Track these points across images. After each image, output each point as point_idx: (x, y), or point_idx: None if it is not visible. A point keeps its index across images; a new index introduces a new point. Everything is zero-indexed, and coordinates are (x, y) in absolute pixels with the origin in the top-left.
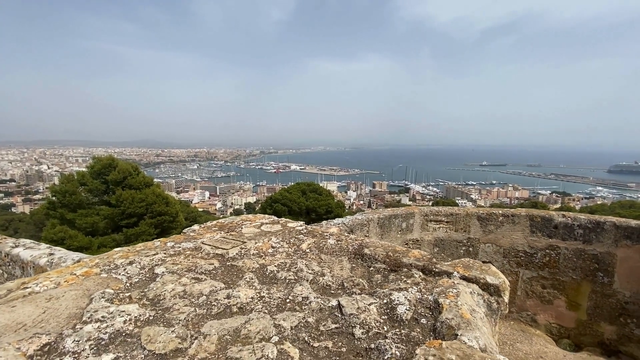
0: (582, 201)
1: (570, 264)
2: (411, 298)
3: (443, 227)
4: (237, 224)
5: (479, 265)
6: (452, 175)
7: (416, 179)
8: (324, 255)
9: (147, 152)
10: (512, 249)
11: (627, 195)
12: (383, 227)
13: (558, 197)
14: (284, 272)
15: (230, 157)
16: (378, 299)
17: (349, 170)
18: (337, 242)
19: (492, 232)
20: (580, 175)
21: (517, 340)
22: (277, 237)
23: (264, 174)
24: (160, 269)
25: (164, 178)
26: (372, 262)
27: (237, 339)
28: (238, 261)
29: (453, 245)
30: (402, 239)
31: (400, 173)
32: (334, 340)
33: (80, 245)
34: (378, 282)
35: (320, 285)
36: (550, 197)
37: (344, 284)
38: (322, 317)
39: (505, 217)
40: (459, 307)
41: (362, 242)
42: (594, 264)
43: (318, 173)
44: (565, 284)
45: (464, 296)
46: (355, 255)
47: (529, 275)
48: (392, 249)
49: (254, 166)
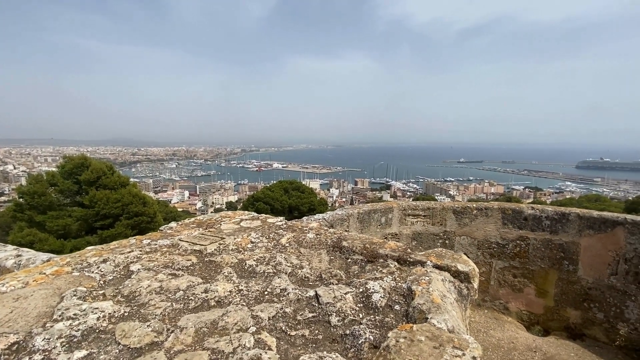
0: (552, 195)
1: (538, 253)
2: (386, 286)
3: (421, 221)
4: (216, 220)
5: (451, 254)
6: (432, 172)
7: (397, 176)
8: (303, 249)
9: (122, 151)
10: (486, 241)
11: (593, 189)
12: (363, 221)
13: (530, 192)
14: (262, 266)
15: (210, 156)
16: (354, 288)
17: (331, 168)
18: (316, 236)
19: (467, 225)
20: (550, 171)
21: (490, 327)
22: (256, 233)
23: (245, 172)
24: (136, 266)
25: (141, 177)
26: (350, 254)
27: (214, 331)
28: (216, 257)
29: (430, 238)
30: (382, 233)
31: (382, 170)
32: (310, 329)
33: (52, 249)
34: (355, 272)
35: (298, 278)
36: (523, 192)
37: (322, 276)
38: (300, 307)
39: (479, 211)
40: (430, 293)
41: (341, 236)
42: (560, 253)
43: (301, 171)
44: (534, 272)
45: (436, 283)
46: (333, 248)
47: (501, 265)
48: (369, 241)
49: (236, 165)
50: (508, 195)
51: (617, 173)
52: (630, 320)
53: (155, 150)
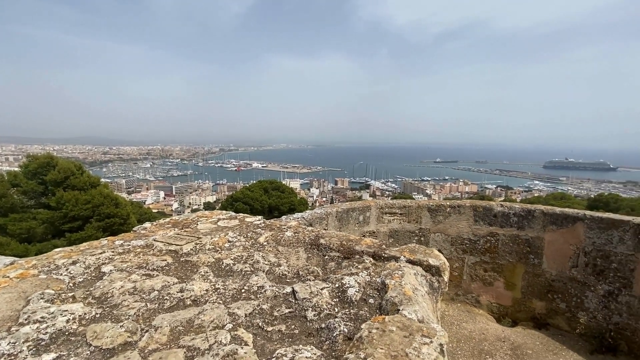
0: (522, 194)
1: (507, 248)
2: (361, 281)
3: (397, 219)
4: (192, 220)
5: (423, 249)
6: (409, 171)
7: (376, 175)
8: (281, 247)
9: (92, 150)
10: (459, 237)
11: (559, 188)
12: (341, 220)
13: (502, 191)
14: (240, 264)
15: (187, 155)
16: (330, 283)
17: (311, 167)
18: (294, 234)
19: (441, 222)
20: (520, 171)
21: (463, 320)
22: (234, 232)
23: (224, 172)
24: (108, 268)
25: (113, 178)
26: (327, 251)
27: (190, 329)
28: (193, 256)
29: (406, 235)
30: (360, 231)
31: (361, 170)
32: (287, 324)
33: (15, 254)
34: (332, 268)
35: (276, 275)
36: (495, 191)
37: (299, 273)
38: (277, 304)
39: (452, 208)
40: (403, 287)
41: (319, 234)
42: (527, 247)
43: (281, 171)
44: (503, 266)
45: (408, 277)
46: (311, 245)
47: (473, 260)
48: (346, 238)
49: (214, 164)
50: (481, 194)
51: (580, 172)
52: (590, 309)
53: (129, 149)
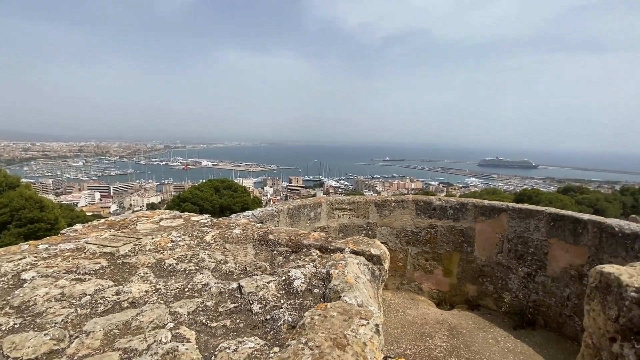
0: (460, 189)
1: (445, 238)
2: (307, 273)
3: (347, 214)
4: (131, 221)
5: (367, 240)
6: (361, 169)
7: (329, 173)
8: (229, 245)
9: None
10: (403, 230)
11: (491, 183)
12: (292, 217)
13: (444, 187)
14: (184, 264)
15: (127, 153)
16: (277, 277)
17: (265, 166)
18: (243, 232)
19: (387, 216)
20: (459, 168)
21: (407, 307)
22: (178, 232)
23: (170, 170)
24: (30, 274)
25: (37, 177)
26: (276, 247)
27: (127, 331)
28: (131, 258)
29: (355, 229)
30: (311, 227)
31: (315, 168)
32: (232, 318)
33: None
34: (280, 263)
35: (222, 273)
36: (438, 187)
37: (246, 269)
38: (222, 300)
39: (396, 203)
40: (345, 275)
41: (268, 230)
42: (461, 237)
43: (233, 169)
44: (441, 255)
45: (351, 266)
46: (260, 241)
47: (415, 251)
48: (295, 232)
49: (158, 162)
50: (425, 190)
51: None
52: (512, 289)
53: (56, 146)
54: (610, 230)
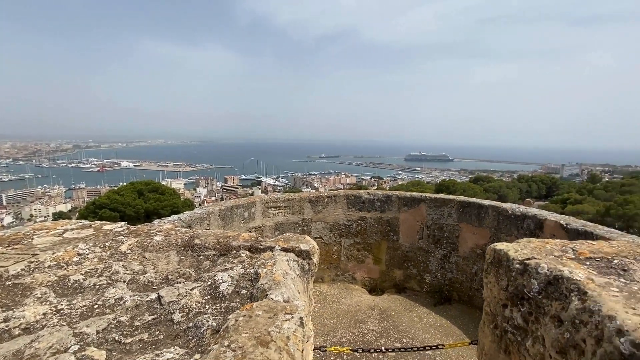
0: (389, 183)
1: (373, 229)
2: (234, 275)
3: (282, 212)
4: (25, 235)
5: (297, 237)
6: (298, 166)
7: (267, 171)
8: (149, 254)
9: None
10: (336, 224)
11: (416, 176)
12: (225, 218)
13: (375, 181)
14: (93, 278)
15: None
16: (202, 282)
17: (197, 165)
18: (165, 238)
19: (321, 211)
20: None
21: (342, 297)
22: (86, 243)
23: (81, 173)
24: None
25: None
26: (203, 251)
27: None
28: (24, 278)
29: (291, 227)
30: (246, 227)
31: (252, 166)
32: (150, 331)
33: None
34: (206, 267)
35: (140, 284)
36: (370, 181)
37: (168, 277)
38: (139, 313)
39: (329, 199)
40: (273, 273)
41: (194, 234)
42: (388, 227)
43: (159, 170)
44: (371, 245)
45: (280, 264)
46: (185, 247)
47: (348, 242)
48: (223, 235)
49: (66, 165)
50: (359, 185)
51: (430, 163)
52: (432, 271)
53: None
54: (505, 213)
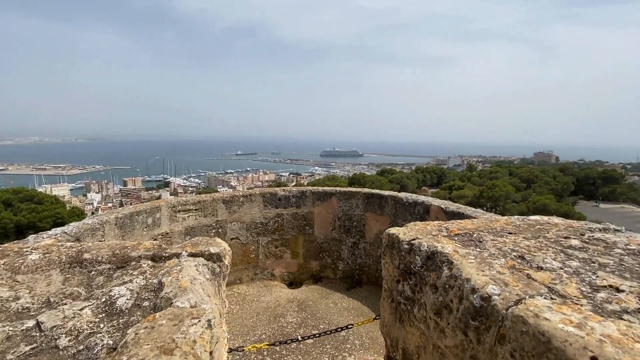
0: (307, 178)
1: (290, 225)
2: (134, 287)
3: (193, 215)
4: None
5: (206, 240)
6: (213, 165)
7: (176, 172)
8: (22, 276)
9: None
10: (253, 223)
11: (331, 171)
12: (124, 227)
13: (294, 177)
14: None
15: None
16: (95, 300)
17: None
18: (44, 256)
19: (236, 211)
20: (305, 159)
21: (262, 294)
22: None
23: None
24: None
25: None
26: (95, 266)
27: None
28: None
29: (204, 230)
30: (150, 235)
31: (158, 167)
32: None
33: None
34: (100, 284)
35: (11, 312)
36: (289, 178)
37: (50, 300)
38: (12, 345)
39: (245, 198)
40: (179, 280)
41: (82, 248)
42: (303, 221)
43: (34, 174)
44: (289, 240)
45: (188, 270)
46: (71, 264)
47: (265, 240)
48: (120, 246)
49: None
50: (278, 181)
51: (342, 158)
52: (344, 258)
53: None
54: (401, 202)
